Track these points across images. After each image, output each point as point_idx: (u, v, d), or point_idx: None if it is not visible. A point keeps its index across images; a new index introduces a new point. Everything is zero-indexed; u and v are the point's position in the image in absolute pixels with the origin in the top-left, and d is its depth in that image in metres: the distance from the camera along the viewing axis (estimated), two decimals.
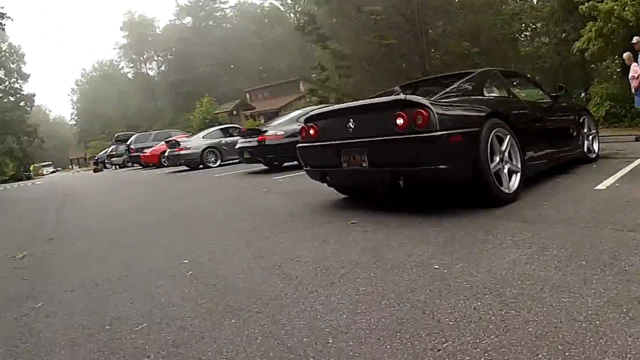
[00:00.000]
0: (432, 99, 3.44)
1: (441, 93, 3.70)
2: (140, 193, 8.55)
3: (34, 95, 52.95)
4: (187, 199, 6.58)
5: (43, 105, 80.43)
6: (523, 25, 21.52)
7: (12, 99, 49.60)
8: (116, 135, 28.70)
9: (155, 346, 1.74)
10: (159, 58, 67.74)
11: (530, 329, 1.50)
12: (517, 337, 1.46)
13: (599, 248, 2.21)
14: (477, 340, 1.47)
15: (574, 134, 5.05)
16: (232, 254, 2.92)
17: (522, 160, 3.70)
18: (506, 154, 3.58)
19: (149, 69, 69.13)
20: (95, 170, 28.77)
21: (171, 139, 14.68)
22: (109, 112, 62.72)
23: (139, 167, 19.16)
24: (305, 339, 1.63)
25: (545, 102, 5.02)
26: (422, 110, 3.19)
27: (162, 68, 67.42)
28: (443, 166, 3.18)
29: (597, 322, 1.50)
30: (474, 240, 2.57)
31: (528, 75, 6.17)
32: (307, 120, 4.28)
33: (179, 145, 13.13)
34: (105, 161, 27.80)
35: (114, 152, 25.62)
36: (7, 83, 50.33)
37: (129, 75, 70.16)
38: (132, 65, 69.88)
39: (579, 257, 2.11)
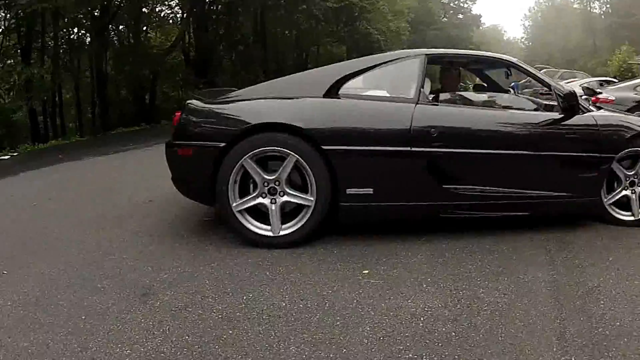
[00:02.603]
0: (219, 98, 2.91)
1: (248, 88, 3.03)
2: None
3: (480, 16, 60.30)
4: None
5: (499, 26, 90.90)
6: None
7: (460, 16, 57.69)
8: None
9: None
10: None
11: None
12: None
13: None
14: None
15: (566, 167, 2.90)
16: None
17: (323, 189, 2.55)
18: (283, 181, 2.57)
19: (592, 8, 68.40)
20: None
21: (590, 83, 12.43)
22: (552, 41, 67.33)
23: None
24: None
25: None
26: (178, 112, 2.83)
27: (604, 8, 65.42)
28: (183, 185, 2.83)
29: None
30: None
31: (515, 63, 3.26)
32: None
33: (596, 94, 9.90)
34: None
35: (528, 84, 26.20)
36: (457, 2, 58.01)
37: (577, 11, 69.67)
38: (579, 1, 70.07)
39: None
